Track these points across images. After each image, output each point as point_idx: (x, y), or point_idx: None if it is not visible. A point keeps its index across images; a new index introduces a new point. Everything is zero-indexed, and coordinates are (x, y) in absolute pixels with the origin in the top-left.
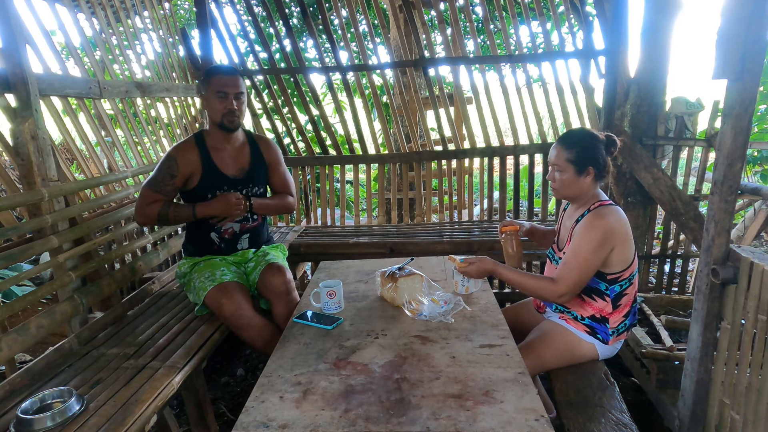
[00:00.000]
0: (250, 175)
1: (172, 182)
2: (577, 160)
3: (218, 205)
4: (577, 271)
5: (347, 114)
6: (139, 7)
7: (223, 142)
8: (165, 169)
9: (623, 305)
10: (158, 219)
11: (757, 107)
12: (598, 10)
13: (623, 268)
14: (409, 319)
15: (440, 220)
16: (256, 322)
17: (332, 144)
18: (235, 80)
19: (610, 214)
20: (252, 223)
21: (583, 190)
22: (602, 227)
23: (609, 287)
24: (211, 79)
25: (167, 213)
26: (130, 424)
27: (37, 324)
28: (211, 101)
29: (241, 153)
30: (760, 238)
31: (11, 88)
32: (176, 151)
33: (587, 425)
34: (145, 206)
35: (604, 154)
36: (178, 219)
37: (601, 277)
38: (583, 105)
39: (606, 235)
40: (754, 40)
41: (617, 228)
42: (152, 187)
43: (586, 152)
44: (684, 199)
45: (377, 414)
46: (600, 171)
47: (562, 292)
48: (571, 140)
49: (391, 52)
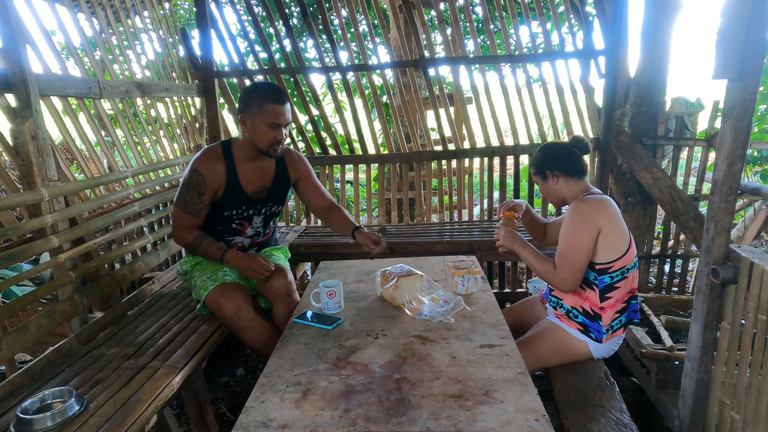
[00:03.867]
0: (270, 195)
1: (201, 200)
2: (537, 171)
3: (245, 264)
4: (569, 256)
5: (347, 114)
6: (139, 7)
7: (250, 158)
8: (193, 186)
9: (613, 299)
10: (189, 247)
11: (757, 107)
12: (598, 10)
13: (613, 257)
14: (409, 319)
15: (440, 220)
16: (256, 323)
17: (332, 144)
18: (288, 110)
19: (593, 200)
20: (262, 238)
21: (561, 191)
22: (582, 209)
23: (598, 277)
24: (264, 106)
25: (197, 247)
26: (130, 424)
27: (37, 324)
28: (260, 128)
29: (266, 170)
30: (760, 238)
31: (11, 88)
32: (202, 164)
33: (587, 425)
34: (181, 232)
35: (566, 155)
36: (206, 257)
37: (590, 267)
38: (583, 105)
39: (586, 216)
40: (754, 40)
41: (599, 210)
42: (183, 208)
43: (541, 162)
44: (684, 199)
45: (377, 414)
46: (566, 170)
47: (562, 278)
48: (532, 159)
49: (391, 52)
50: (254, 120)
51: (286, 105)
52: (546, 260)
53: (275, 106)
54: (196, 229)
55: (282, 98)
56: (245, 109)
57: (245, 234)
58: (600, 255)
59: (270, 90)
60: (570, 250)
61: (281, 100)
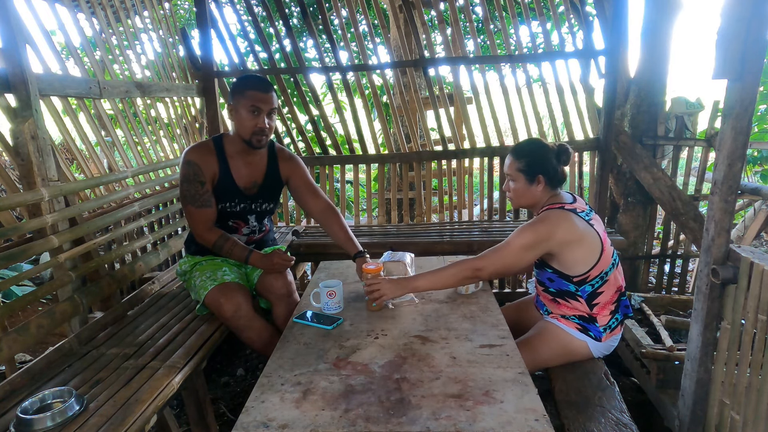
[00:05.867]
0: (261, 191)
1: (205, 189)
2: (527, 169)
3: (268, 264)
4: (499, 256)
5: (347, 114)
6: (139, 7)
7: (242, 152)
8: (192, 178)
9: (601, 304)
10: (213, 247)
11: (757, 107)
12: (598, 10)
13: (586, 269)
14: (410, 319)
15: (440, 220)
16: (256, 323)
17: (332, 144)
18: (271, 97)
19: (551, 214)
20: (258, 235)
21: (536, 198)
22: (538, 231)
23: (579, 288)
24: (245, 92)
25: (222, 247)
26: (130, 424)
27: (37, 324)
28: (242, 116)
29: (257, 165)
30: (760, 238)
31: (11, 88)
32: (194, 155)
33: (587, 425)
34: (203, 232)
35: (555, 163)
36: (230, 257)
37: (567, 279)
38: (583, 105)
39: (539, 239)
40: (754, 40)
41: (555, 233)
42: (193, 203)
43: (535, 161)
44: (684, 199)
45: (377, 414)
46: (551, 179)
47: (480, 265)
48: (522, 151)
49: (391, 52)
50: (238, 107)
51: (269, 93)
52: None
53: (256, 92)
54: (216, 226)
55: (264, 86)
56: (232, 98)
57: (241, 232)
58: (571, 268)
59: (254, 78)
60: (503, 254)
61: (263, 87)
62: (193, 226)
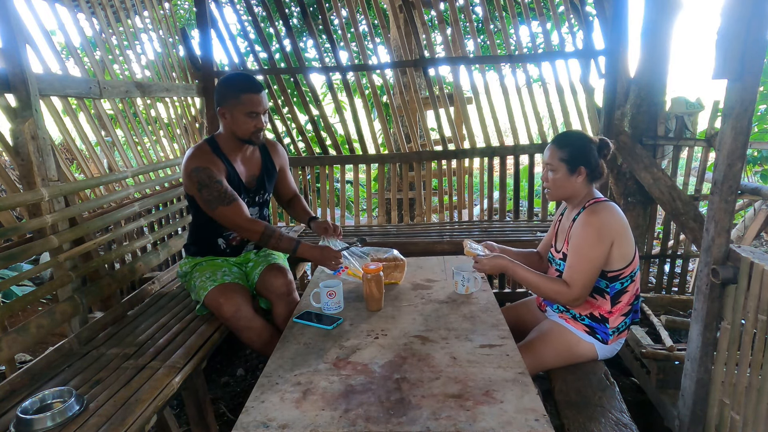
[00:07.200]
0: (260, 183)
1: (225, 186)
2: (569, 159)
3: (318, 255)
4: (584, 272)
5: (347, 114)
6: (139, 7)
7: (236, 150)
8: (207, 182)
9: (623, 303)
10: (260, 239)
11: (757, 107)
12: (598, 10)
13: (624, 265)
14: (410, 319)
15: (440, 220)
16: (256, 323)
17: (332, 144)
18: (264, 96)
19: (604, 210)
20: None
21: (576, 189)
22: (596, 223)
23: (609, 285)
24: (240, 96)
25: (270, 237)
26: (130, 424)
27: (37, 324)
28: (240, 119)
29: (253, 160)
30: (760, 238)
31: (11, 88)
32: (199, 160)
33: (587, 425)
34: (245, 223)
35: (597, 156)
36: (277, 249)
37: (602, 275)
38: (583, 105)
39: (601, 230)
40: (754, 40)
41: (612, 222)
42: (221, 203)
43: (578, 152)
44: (684, 199)
45: (377, 414)
46: (592, 171)
47: (577, 295)
48: (564, 140)
49: (391, 52)
50: (233, 111)
51: (262, 93)
52: (552, 279)
53: (251, 96)
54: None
55: (257, 87)
56: (223, 102)
57: None
58: (611, 264)
59: (245, 80)
60: (585, 266)
61: (257, 88)
62: (234, 225)
